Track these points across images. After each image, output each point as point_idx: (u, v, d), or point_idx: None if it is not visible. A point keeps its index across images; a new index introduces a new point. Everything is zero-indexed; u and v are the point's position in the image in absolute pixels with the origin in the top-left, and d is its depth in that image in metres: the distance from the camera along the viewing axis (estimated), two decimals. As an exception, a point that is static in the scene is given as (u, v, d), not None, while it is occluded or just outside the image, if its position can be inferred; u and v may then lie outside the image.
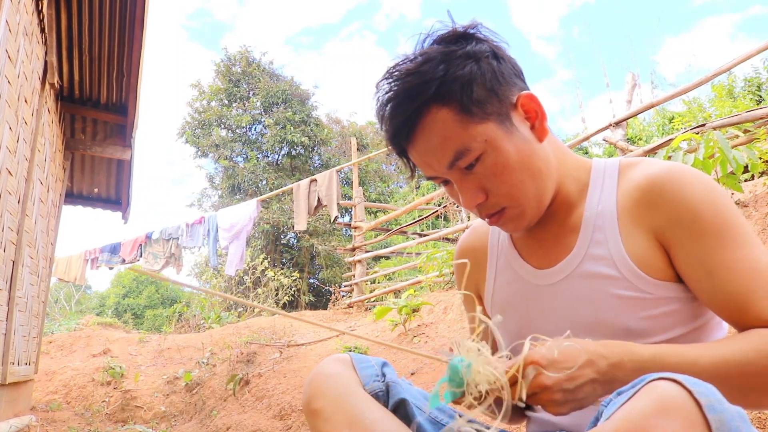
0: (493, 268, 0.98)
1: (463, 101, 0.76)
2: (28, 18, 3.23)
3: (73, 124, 5.34)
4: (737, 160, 2.63)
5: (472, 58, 0.77)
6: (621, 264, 0.79)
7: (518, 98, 0.81)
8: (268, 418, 4.01)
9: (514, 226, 0.86)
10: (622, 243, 0.80)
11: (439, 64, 0.76)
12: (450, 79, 0.76)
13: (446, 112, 0.76)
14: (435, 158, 0.80)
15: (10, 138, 3.06)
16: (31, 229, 3.94)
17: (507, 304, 0.93)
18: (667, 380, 0.55)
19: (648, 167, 0.82)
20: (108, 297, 25.17)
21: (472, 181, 0.81)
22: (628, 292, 0.78)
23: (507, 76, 0.80)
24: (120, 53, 4.40)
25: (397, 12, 55.91)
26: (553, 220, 0.89)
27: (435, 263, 4.90)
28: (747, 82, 9.07)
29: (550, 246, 0.88)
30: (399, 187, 20.51)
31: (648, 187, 0.79)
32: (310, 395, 0.83)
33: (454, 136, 0.77)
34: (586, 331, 0.81)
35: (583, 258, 0.83)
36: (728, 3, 47.91)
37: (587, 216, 0.84)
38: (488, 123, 0.78)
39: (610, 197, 0.84)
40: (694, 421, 0.52)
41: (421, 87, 0.76)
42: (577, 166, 0.89)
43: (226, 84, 18.40)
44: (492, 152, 0.78)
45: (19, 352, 3.90)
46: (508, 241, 0.96)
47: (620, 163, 0.87)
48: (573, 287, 0.84)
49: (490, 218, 0.85)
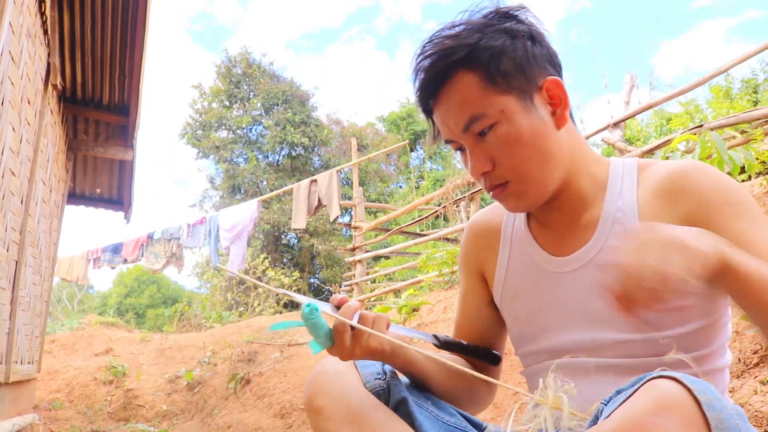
0: (506, 252, 0.98)
1: (490, 70, 0.80)
2: (31, 20, 3.25)
3: (75, 125, 5.36)
4: (734, 160, 2.64)
5: (507, 33, 0.82)
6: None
7: (545, 82, 0.83)
8: (269, 416, 4.03)
9: (515, 203, 0.88)
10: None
11: (476, 33, 0.81)
12: (481, 48, 0.80)
13: (472, 76, 0.81)
14: (453, 119, 0.84)
15: (13, 139, 3.09)
16: (34, 229, 3.97)
17: (519, 289, 0.94)
18: (666, 378, 0.56)
19: (667, 164, 0.85)
20: (110, 296, 25.20)
21: (483, 149, 0.83)
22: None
23: (538, 59, 0.83)
24: (122, 55, 4.41)
25: (397, 15, 55.91)
26: (566, 212, 0.90)
27: (435, 263, 4.92)
28: (744, 84, 9.08)
29: (567, 236, 0.90)
30: (399, 187, 20.53)
31: (672, 180, 0.82)
32: (312, 393, 0.84)
33: (474, 101, 0.81)
34: (599, 322, 0.82)
35: (600, 249, 0.84)
36: (723, 7, 47.87)
37: (607, 210, 0.86)
38: (509, 96, 0.81)
39: (630, 194, 0.86)
40: (693, 418, 0.52)
41: (453, 49, 0.81)
42: (595, 164, 0.91)
43: (227, 85, 18.41)
44: (506, 123, 0.81)
45: (22, 351, 3.92)
46: (524, 228, 0.96)
47: (639, 163, 0.90)
48: (588, 277, 0.85)
49: (494, 190, 0.87)
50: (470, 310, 1.04)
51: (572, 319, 0.86)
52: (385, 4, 55.30)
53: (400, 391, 0.85)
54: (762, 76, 9.12)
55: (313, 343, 0.79)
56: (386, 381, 0.86)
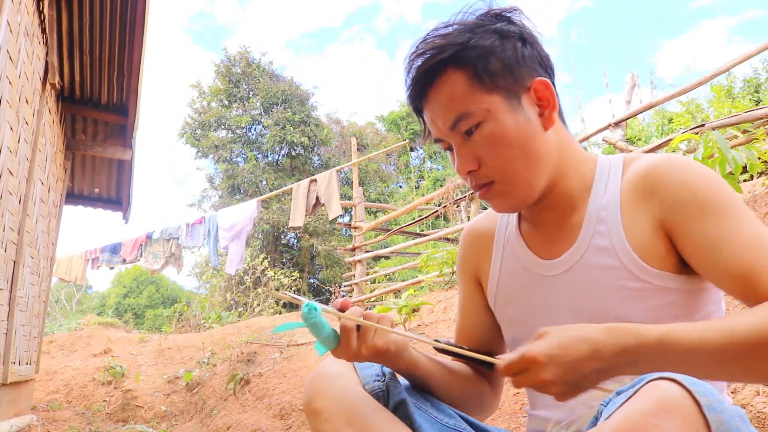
0: (498, 255, 0.99)
1: (477, 69, 0.81)
2: (29, 19, 3.24)
3: (73, 124, 5.35)
4: (736, 160, 2.62)
5: (498, 33, 0.83)
6: (623, 254, 0.80)
7: (533, 83, 0.83)
8: (268, 417, 4.01)
9: (501, 203, 0.88)
10: (625, 234, 0.81)
11: (467, 32, 0.82)
12: (470, 47, 0.81)
13: (459, 75, 0.81)
14: (441, 118, 0.84)
15: (11, 138, 3.07)
16: (32, 229, 3.95)
17: (511, 293, 0.95)
18: (666, 380, 0.55)
19: (647, 159, 0.84)
20: (109, 297, 25.20)
21: (469, 147, 0.84)
22: (630, 283, 0.80)
23: (528, 60, 0.84)
24: (120, 54, 4.41)
25: (397, 15, 55.97)
26: (556, 212, 0.90)
27: (435, 263, 4.91)
28: (746, 83, 9.08)
29: (554, 238, 0.90)
30: (399, 187, 20.54)
31: (647, 176, 0.82)
32: (311, 395, 0.83)
33: (460, 99, 0.82)
34: (589, 322, 0.81)
35: (586, 249, 0.84)
36: (724, 6, 48.00)
37: (591, 209, 0.86)
38: (495, 95, 0.81)
39: (614, 190, 0.85)
40: (694, 420, 0.52)
41: (443, 48, 0.82)
42: (582, 163, 0.90)
43: (226, 84, 18.40)
44: (491, 122, 0.81)
45: (20, 352, 3.91)
46: (515, 231, 0.97)
47: (624, 158, 0.89)
48: (576, 278, 0.85)
49: (480, 190, 0.87)
50: (469, 317, 1.05)
51: (564, 322, 0.85)
52: (385, 3, 55.39)
53: (399, 393, 0.85)
54: (764, 75, 9.12)
55: (318, 345, 0.80)
56: (385, 383, 0.86)
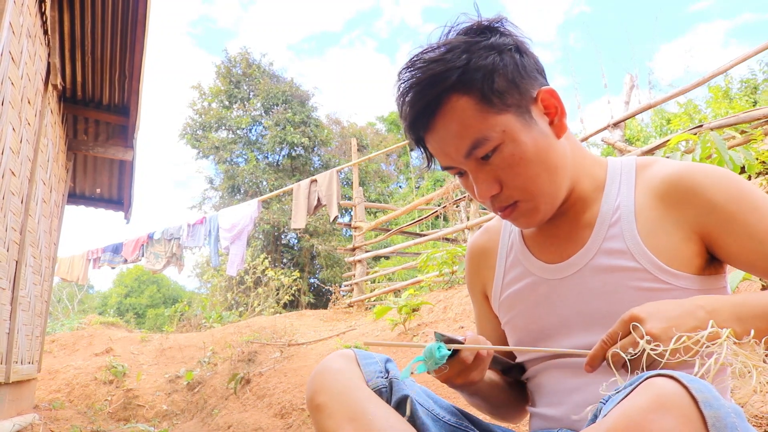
0: (501, 266, 0.98)
1: (484, 91, 0.77)
2: (31, 20, 3.25)
3: (75, 125, 5.36)
4: (734, 160, 2.64)
5: (495, 49, 0.78)
6: (640, 256, 0.80)
7: (539, 93, 0.82)
8: (269, 416, 4.03)
9: (527, 221, 0.86)
10: (641, 237, 0.81)
11: (462, 53, 0.77)
12: (472, 69, 0.77)
13: (466, 100, 0.77)
14: (453, 147, 0.80)
15: (13, 139, 3.09)
16: (34, 229, 3.97)
17: (515, 299, 0.94)
18: (663, 377, 0.56)
19: (666, 166, 0.84)
20: (110, 296, 25.21)
21: (487, 172, 0.81)
22: (647, 283, 0.79)
23: (529, 70, 0.81)
24: (122, 55, 4.42)
25: (398, 18, 55.93)
26: (567, 217, 0.89)
27: (434, 263, 4.92)
28: (743, 84, 9.10)
29: (562, 242, 0.89)
30: (399, 188, 20.54)
31: (678, 184, 0.81)
32: (314, 390, 0.83)
33: (473, 125, 0.78)
34: (598, 324, 0.82)
35: (596, 252, 0.84)
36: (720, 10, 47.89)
37: (603, 212, 0.85)
38: (507, 114, 0.78)
39: (627, 194, 0.85)
40: (691, 417, 0.52)
41: (443, 75, 0.77)
42: (593, 165, 0.90)
43: (227, 85, 18.39)
44: (510, 143, 0.79)
45: (23, 351, 3.93)
46: (519, 239, 0.96)
47: (636, 162, 0.88)
48: (585, 281, 0.84)
49: (503, 211, 0.85)
50: (486, 332, 1.05)
51: (572, 324, 0.86)
52: (386, 7, 55.34)
53: (401, 389, 0.84)
54: (761, 76, 9.14)
55: (422, 367, 0.80)
56: (388, 379, 0.85)
